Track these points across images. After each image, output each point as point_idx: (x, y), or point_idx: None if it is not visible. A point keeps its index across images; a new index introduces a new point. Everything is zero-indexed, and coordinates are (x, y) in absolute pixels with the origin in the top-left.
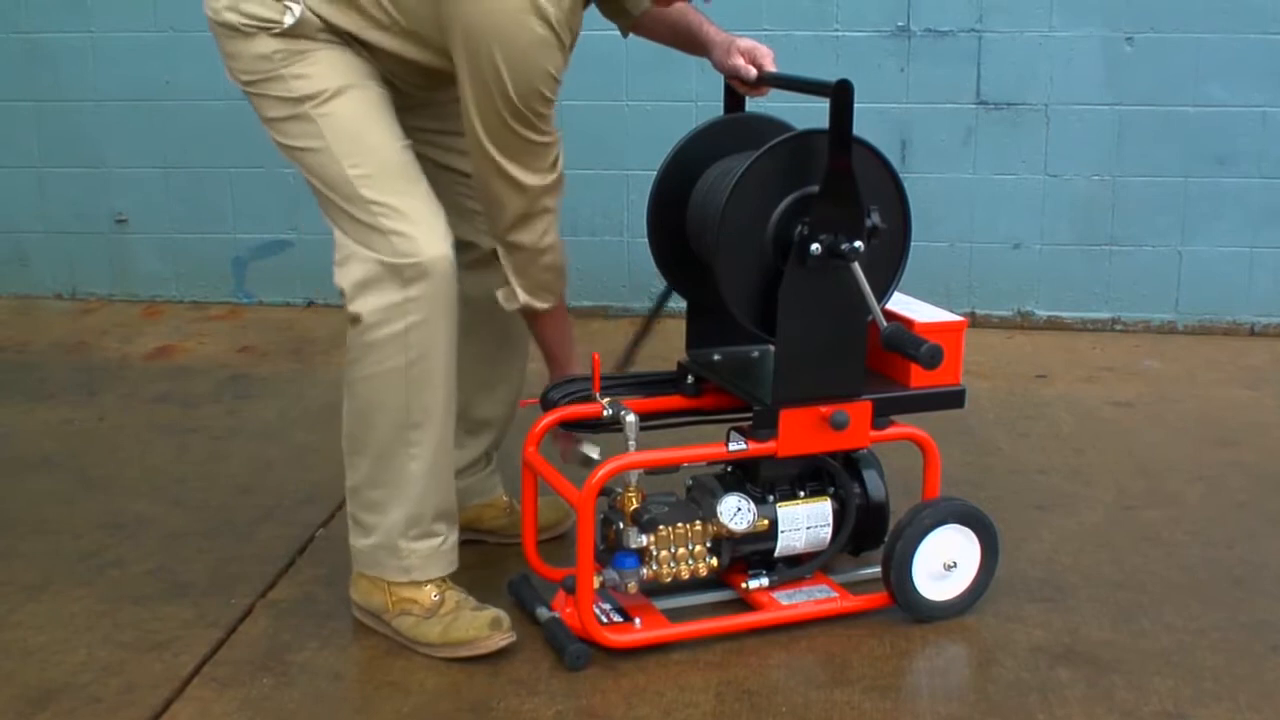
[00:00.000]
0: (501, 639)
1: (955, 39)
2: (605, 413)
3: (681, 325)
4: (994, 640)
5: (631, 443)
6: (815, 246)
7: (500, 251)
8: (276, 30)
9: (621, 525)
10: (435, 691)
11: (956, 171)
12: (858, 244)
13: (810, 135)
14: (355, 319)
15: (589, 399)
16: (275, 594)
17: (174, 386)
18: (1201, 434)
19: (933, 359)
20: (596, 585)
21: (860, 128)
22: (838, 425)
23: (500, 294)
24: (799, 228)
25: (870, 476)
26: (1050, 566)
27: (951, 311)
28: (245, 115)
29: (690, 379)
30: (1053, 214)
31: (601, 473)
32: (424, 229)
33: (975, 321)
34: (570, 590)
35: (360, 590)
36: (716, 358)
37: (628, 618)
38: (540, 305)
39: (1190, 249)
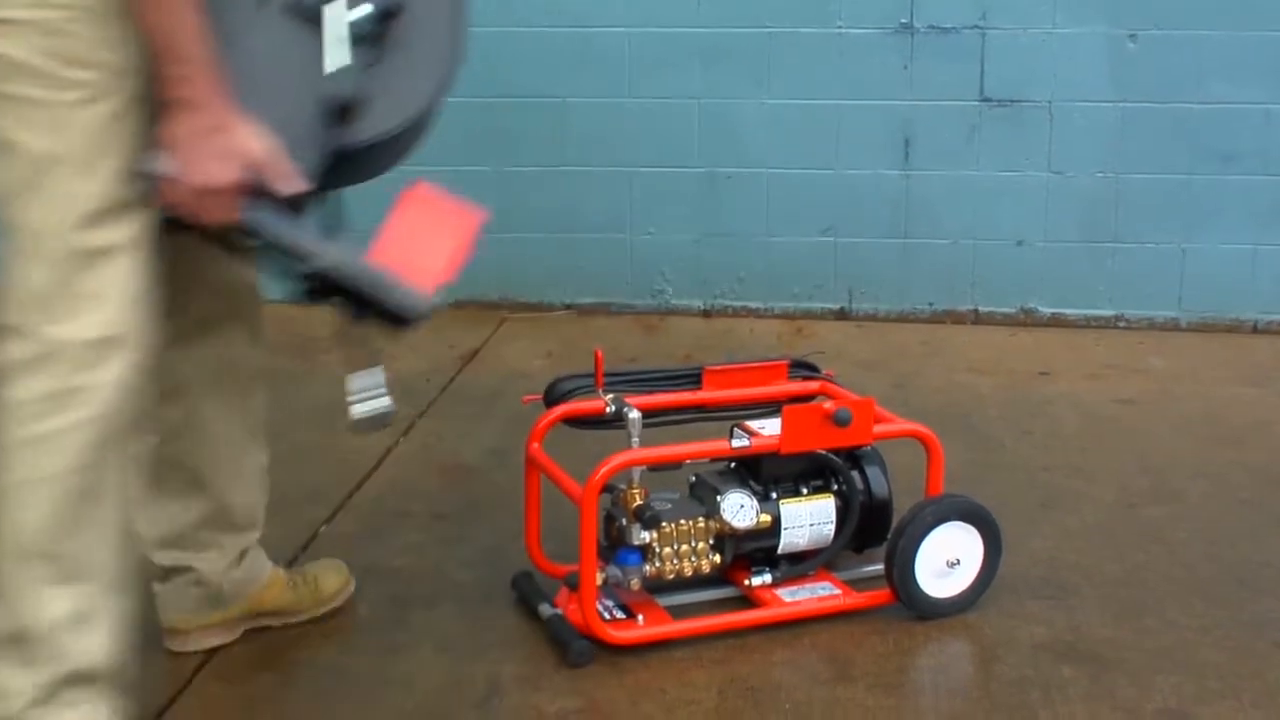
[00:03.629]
0: None
1: (959, 36)
2: (609, 409)
3: (685, 322)
4: (997, 637)
5: (635, 439)
6: None
7: None
8: None
9: (624, 522)
10: (438, 689)
11: (960, 168)
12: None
13: None
14: None
15: (593, 395)
16: None
17: None
18: (1205, 431)
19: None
20: (599, 582)
21: (864, 125)
22: (841, 422)
23: None
24: None
25: (873, 473)
26: (1053, 564)
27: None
28: None
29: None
30: (1056, 211)
31: (604, 469)
32: None
33: (979, 318)
34: (573, 587)
35: None
36: None
37: (631, 614)
38: None
39: (1194, 246)
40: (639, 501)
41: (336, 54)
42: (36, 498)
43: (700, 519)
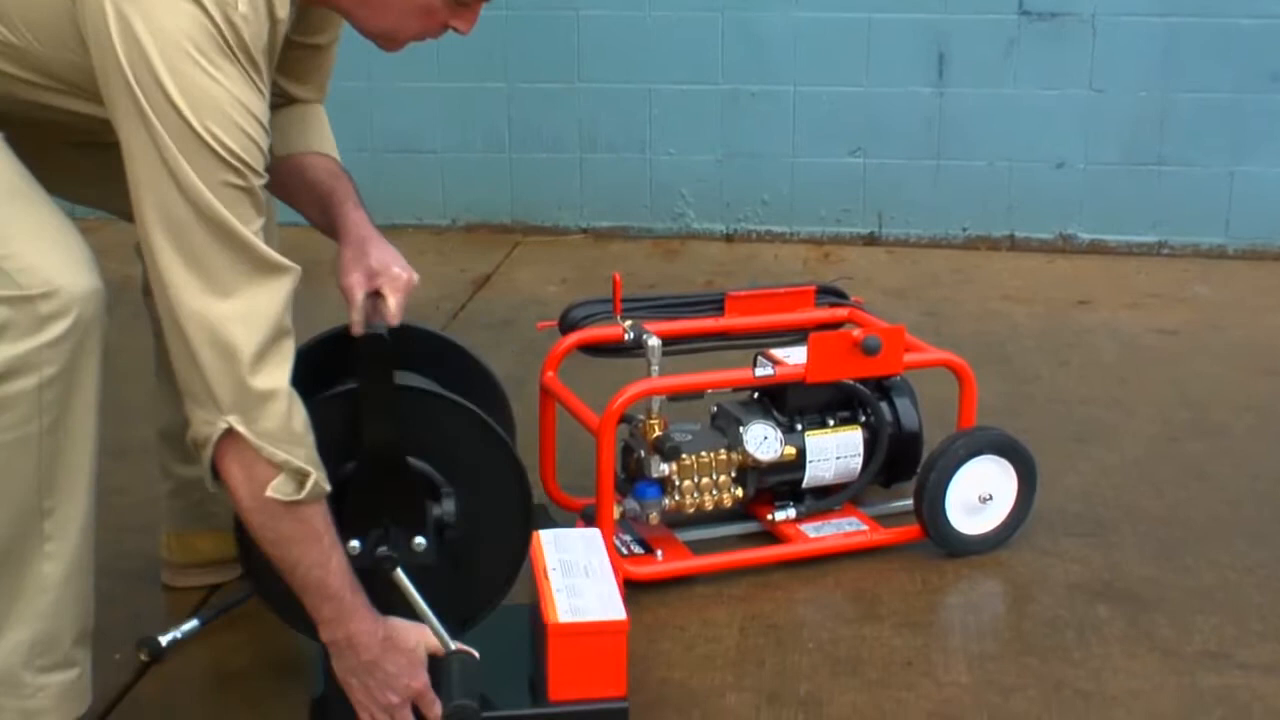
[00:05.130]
0: None
1: None
2: (627, 336)
3: (706, 246)
4: (1030, 576)
5: (654, 367)
6: (354, 545)
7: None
8: None
9: (643, 453)
10: None
11: (996, 86)
12: (392, 551)
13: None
14: None
15: (610, 321)
16: None
17: None
18: (1251, 363)
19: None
20: (616, 516)
21: (896, 39)
22: (869, 350)
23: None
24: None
25: (903, 405)
26: (1090, 500)
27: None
28: None
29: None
30: (1098, 132)
31: (622, 398)
32: (56, 257)
33: (1015, 244)
34: (589, 521)
35: None
36: None
37: (649, 549)
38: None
39: (1243, 169)
40: (658, 432)
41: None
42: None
43: (722, 451)
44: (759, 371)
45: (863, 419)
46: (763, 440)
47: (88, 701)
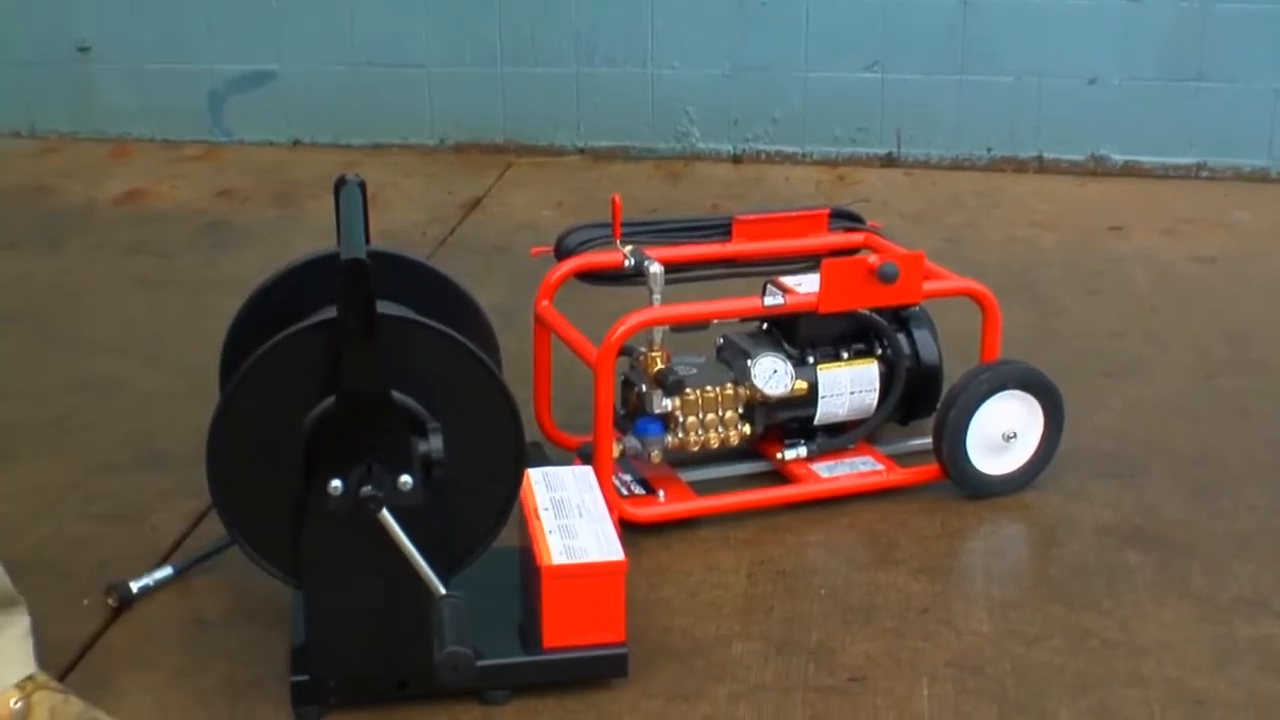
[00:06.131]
0: None
1: None
2: (627, 263)
3: (713, 168)
4: (1056, 519)
5: (656, 296)
6: (336, 485)
7: None
8: None
9: (644, 388)
10: None
11: None
12: (377, 490)
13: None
14: None
15: (609, 246)
16: None
17: (146, 235)
18: None
19: None
20: (616, 454)
21: None
22: (886, 278)
23: None
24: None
25: (922, 336)
26: (1121, 439)
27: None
28: None
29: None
30: (1134, 45)
31: (622, 329)
32: None
33: (1043, 166)
34: (587, 460)
35: None
36: None
37: (650, 490)
38: None
39: None
40: (660, 366)
41: None
42: None
43: (728, 385)
44: (768, 301)
45: (879, 351)
46: (772, 374)
47: (31, 661)
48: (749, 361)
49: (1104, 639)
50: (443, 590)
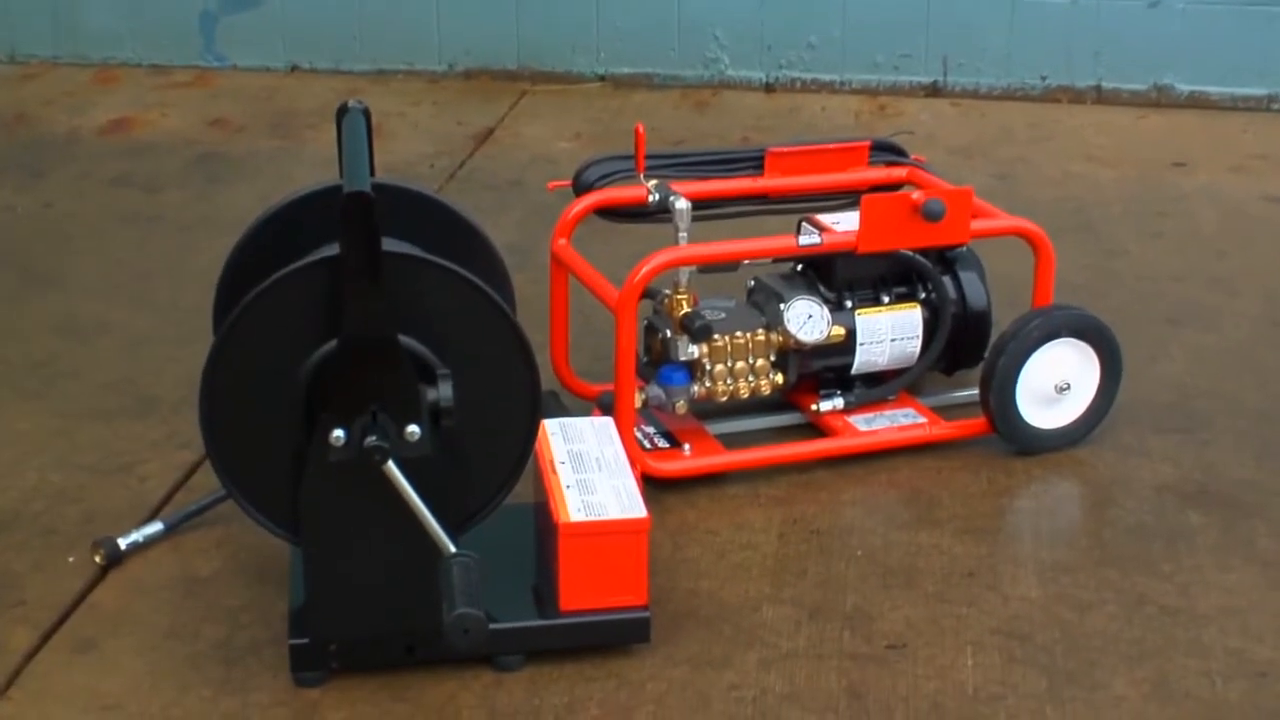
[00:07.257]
0: None
1: None
2: (651, 198)
3: (743, 97)
4: (1112, 477)
5: (682, 234)
6: (339, 434)
7: None
8: None
9: (669, 333)
10: None
11: None
12: (382, 441)
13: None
14: None
15: (632, 180)
16: None
17: (134, 166)
18: None
19: None
20: (638, 404)
21: None
22: (931, 215)
23: None
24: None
25: (969, 279)
26: (1183, 391)
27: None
28: None
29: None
30: None
31: (645, 269)
32: None
33: (1101, 96)
34: (607, 410)
35: None
36: None
37: (675, 443)
38: None
39: None
40: (686, 309)
41: None
42: None
43: (759, 331)
44: (803, 240)
45: (922, 295)
46: (807, 319)
47: None
48: (782, 305)
49: (1162, 605)
50: (452, 548)
